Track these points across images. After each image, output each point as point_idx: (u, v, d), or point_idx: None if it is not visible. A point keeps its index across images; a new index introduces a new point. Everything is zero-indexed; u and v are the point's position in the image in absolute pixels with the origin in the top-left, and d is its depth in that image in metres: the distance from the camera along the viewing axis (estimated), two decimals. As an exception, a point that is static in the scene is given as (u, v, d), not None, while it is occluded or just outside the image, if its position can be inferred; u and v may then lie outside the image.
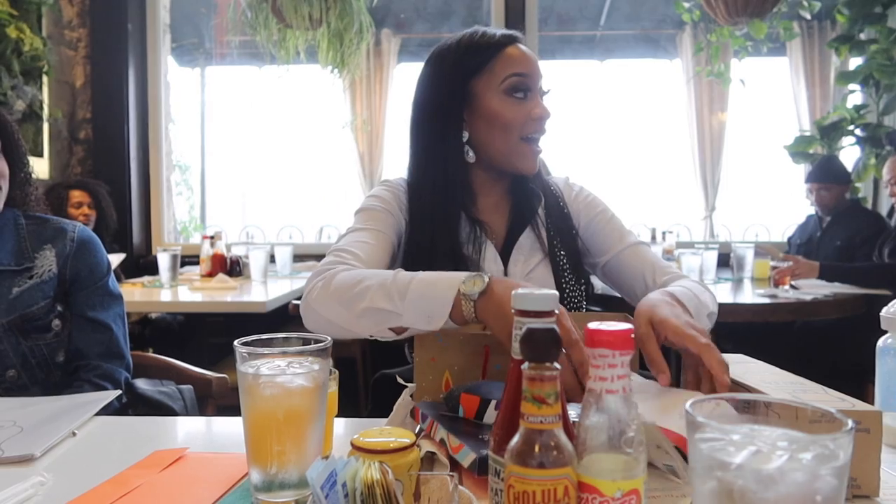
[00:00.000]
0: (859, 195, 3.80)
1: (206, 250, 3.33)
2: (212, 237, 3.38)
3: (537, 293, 0.61)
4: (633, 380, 0.91)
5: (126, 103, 3.84)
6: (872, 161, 3.62)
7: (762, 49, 3.60)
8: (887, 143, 3.59)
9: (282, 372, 0.72)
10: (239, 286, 3.04)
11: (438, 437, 0.83)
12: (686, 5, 3.64)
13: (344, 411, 0.93)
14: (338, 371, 0.87)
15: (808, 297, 2.58)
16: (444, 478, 0.63)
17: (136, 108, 3.91)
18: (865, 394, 2.42)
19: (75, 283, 1.38)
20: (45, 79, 3.44)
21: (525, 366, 0.53)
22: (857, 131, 3.75)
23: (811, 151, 3.85)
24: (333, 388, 0.85)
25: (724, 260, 3.26)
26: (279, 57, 3.16)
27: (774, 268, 2.97)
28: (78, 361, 1.36)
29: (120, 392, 1.25)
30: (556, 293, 0.62)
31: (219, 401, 1.44)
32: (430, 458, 0.82)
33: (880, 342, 0.96)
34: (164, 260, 3.03)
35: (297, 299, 2.68)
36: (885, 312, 0.95)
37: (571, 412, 0.59)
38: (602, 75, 4.85)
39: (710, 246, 3.24)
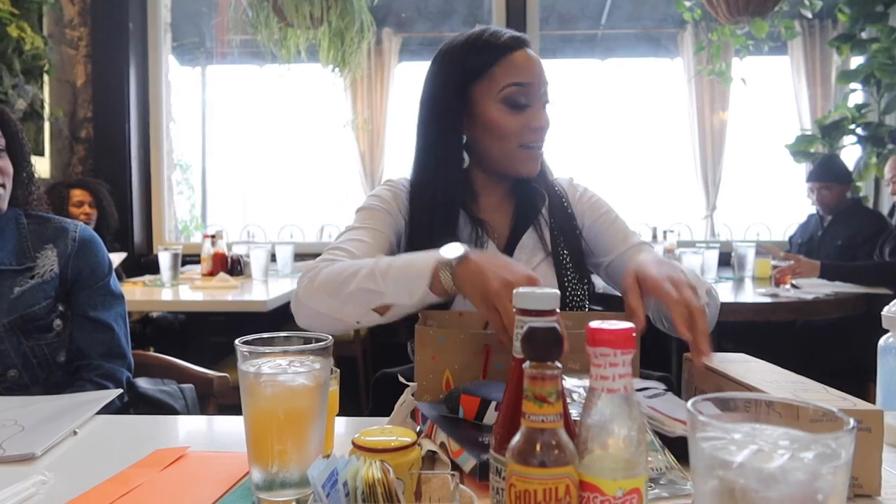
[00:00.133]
0: (860, 194, 3.80)
1: (207, 249, 3.33)
2: (213, 236, 3.38)
3: (539, 292, 0.61)
4: None
5: (127, 102, 3.84)
6: (873, 160, 3.61)
7: (763, 48, 3.59)
8: (889, 142, 3.59)
9: (283, 371, 0.72)
10: (240, 285, 3.04)
11: (439, 441, 0.83)
12: (687, 4, 3.63)
13: (345, 410, 0.94)
14: (339, 370, 0.87)
15: (809, 297, 2.58)
16: (446, 477, 0.63)
17: (137, 107, 3.91)
18: (867, 393, 2.42)
19: (77, 283, 1.38)
20: (46, 78, 3.44)
21: (526, 364, 0.53)
22: (859, 130, 3.75)
23: (812, 150, 3.84)
24: (334, 386, 0.85)
25: (726, 259, 3.26)
26: (280, 56, 3.15)
27: (775, 267, 2.97)
28: (79, 361, 1.36)
29: (121, 391, 1.25)
30: (557, 292, 0.62)
31: (220, 400, 1.44)
32: (432, 457, 0.82)
33: (881, 341, 0.96)
34: (165, 259, 3.04)
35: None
36: (886, 311, 0.95)
37: (573, 411, 0.59)
38: (603, 74, 4.85)
39: (711, 245, 3.24)
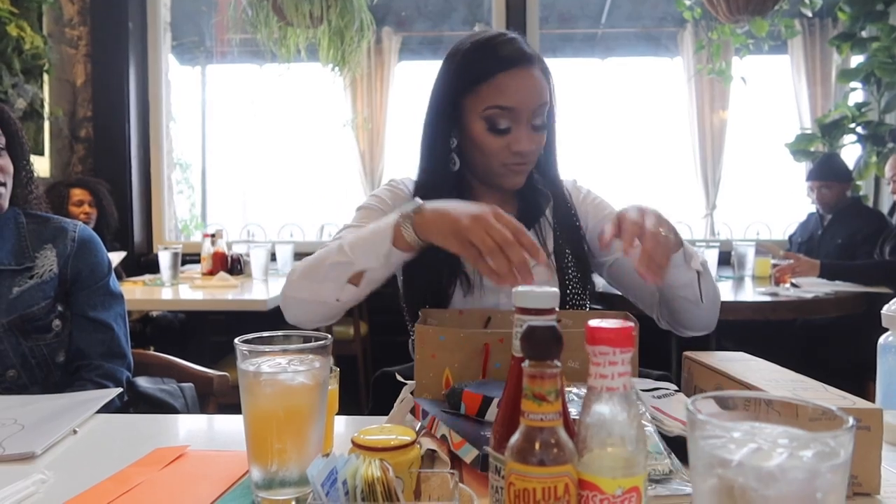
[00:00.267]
0: (860, 193, 3.80)
1: (207, 248, 3.33)
2: (213, 235, 3.38)
3: (538, 291, 0.61)
4: None
5: (127, 101, 3.83)
6: (874, 159, 3.61)
7: (763, 47, 3.59)
8: (889, 141, 3.59)
9: (283, 370, 0.72)
10: (240, 284, 3.04)
11: (440, 434, 0.83)
12: (687, 3, 3.63)
13: (345, 409, 0.94)
14: (338, 369, 0.87)
15: (808, 295, 2.58)
16: (445, 475, 0.63)
17: (136, 106, 3.91)
18: (866, 391, 2.42)
19: (76, 283, 1.38)
20: (46, 77, 3.44)
21: (525, 363, 0.53)
22: (859, 129, 3.75)
23: (812, 149, 3.84)
24: (334, 385, 0.85)
25: (725, 258, 3.26)
26: (280, 55, 3.15)
27: (775, 266, 2.97)
28: (79, 361, 1.36)
29: (121, 390, 1.25)
30: (556, 291, 0.62)
31: (220, 399, 1.44)
32: (431, 456, 0.82)
33: (881, 340, 0.97)
34: (165, 258, 3.04)
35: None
36: (885, 310, 0.95)
37: (572, 409, 0.59)
38: (603, 73, 4.85)
39: (711, 244, 3.24)
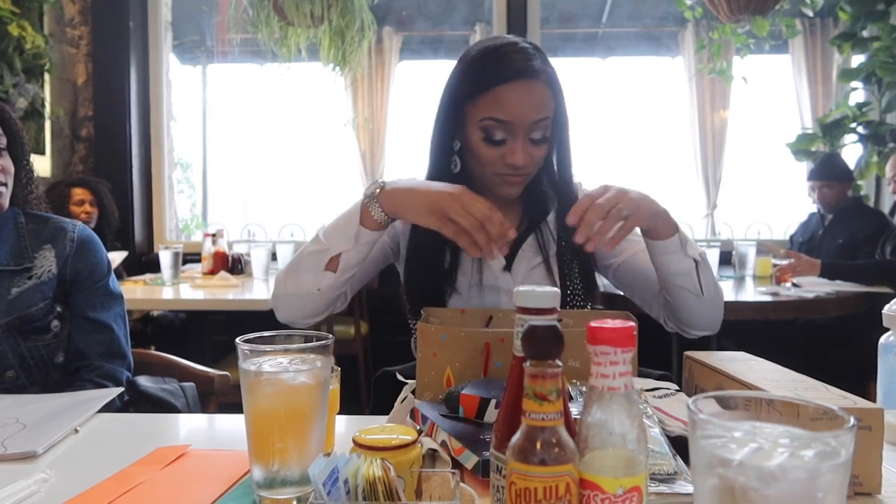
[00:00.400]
0: (861, 193, 3.79)
1: (208, 248, 3.34)
2: (213, 235, 3.38)
3: (539, 290, 0.61)
4: None
5: (128, 101, 3.84)
6: (875, 159, 3.61)
7: (764, 46, 3.59)
8: (890, 141, 3.59)
9: (284, 369, 0.72)
10: (240, 284, 3.04)
11: (440, 440, 0.83)
12: (688, 3, 3.62)
13: (346, 408, 0.94)
14: (339, 368, 0.87)
15: (809, 295, 2.58)
16: (446, 475, 0.63)
17: (137, 105, 3.91)
18: (867, 391, 2.41)
19: (75, 284, 1.38)
20: (47, 76, 3.44)
21: (527, 363, 0.53)
22: (860, 129, 3.74)
23: (813, 149, 3.84)
24: (335, 385, 0.85)
25: (726, 258, 3.26)
26: (280, 55, 3.15)
27: (776, 265, 2.97)
28: (79, 362, 1.36)
29: (122, 390, 1.25)
30: (557, 290, 0.62)
31: (221, 398, 1.44)
32: (432, 455, 0.82)
33: (882, 339, 0.96)
34: (165, 258, 3.04)
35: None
36: (887, 310, 0.95)
37: (573, 409, 0.59)
38: (604, 73, 4.84)
39: (712, 244, 3.24)
